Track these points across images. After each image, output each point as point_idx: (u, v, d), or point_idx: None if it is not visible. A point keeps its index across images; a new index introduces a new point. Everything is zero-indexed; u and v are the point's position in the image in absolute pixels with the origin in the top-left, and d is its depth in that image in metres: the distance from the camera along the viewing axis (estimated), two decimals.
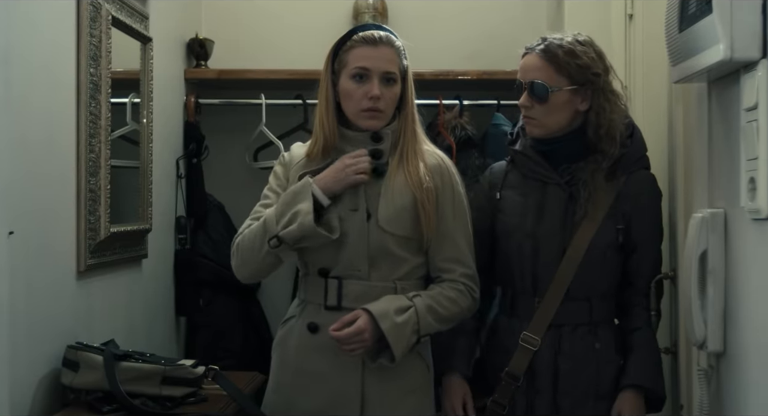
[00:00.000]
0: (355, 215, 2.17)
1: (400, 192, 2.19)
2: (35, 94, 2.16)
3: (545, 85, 2.21)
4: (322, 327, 2.17)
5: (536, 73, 2.22)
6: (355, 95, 2.18)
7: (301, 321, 2.23)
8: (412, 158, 2.22)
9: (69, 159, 2.36)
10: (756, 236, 1.65)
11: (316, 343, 2.19)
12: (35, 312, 2.14)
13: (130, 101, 2.84)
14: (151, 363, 2.27)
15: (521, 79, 2.27)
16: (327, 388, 2.18)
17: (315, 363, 2.19)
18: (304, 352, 2.21)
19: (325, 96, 2.23)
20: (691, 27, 1.79)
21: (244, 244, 2.20)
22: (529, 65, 2.25)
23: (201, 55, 3.51)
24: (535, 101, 2.23)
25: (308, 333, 2.21)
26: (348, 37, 2.21)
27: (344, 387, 2.18)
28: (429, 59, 3.46)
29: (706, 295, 1.85)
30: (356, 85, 2.17)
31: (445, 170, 2.26)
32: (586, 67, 2.21)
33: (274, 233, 2.13)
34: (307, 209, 2.10)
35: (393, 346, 2.10)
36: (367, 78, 2.17)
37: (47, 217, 2.22)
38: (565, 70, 2.21)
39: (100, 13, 2.48)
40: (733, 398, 1.80)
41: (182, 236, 3.34)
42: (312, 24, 3.65)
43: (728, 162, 1.79)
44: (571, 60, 2.20)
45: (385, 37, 2.19)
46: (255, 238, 2.17)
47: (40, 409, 2.17)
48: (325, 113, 2.22)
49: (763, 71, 1.59)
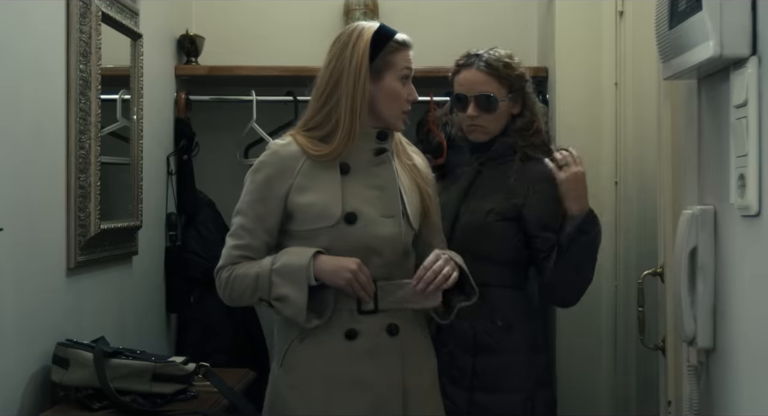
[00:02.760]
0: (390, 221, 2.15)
1: (412, 190, 2.22)
2: (24, 90, 2.16)
3: (495, 97, 2.48)
4: (360, 332, 2.12)
5: (483, 87, 2.49)
6: (401, 97, 2.19)
7: (331, 331, 2.12)
8: (408, 155, 2.27)
9: (59, 155, 2.35)
10: (746, 232, 1.66)
11: (355, 350, 2.13)
12: (25, 309, 2.13)
13: (120, 98, 2.83)
14: (141, 360, 2.27)
15: (465, 92, 2.51)
16: (371, 395, 2.12)
17: (355, 370, 2.12)
18: (340, 361, 2.12)
19: (361, 94, 2.12)
20: (681, 24, 1.80)
21: (234, 289, 2.13)
22: (472, 79, 2.50)
23: (191, 51, 3.50)
24: (482, 112, 2.49)
25: (345, 340, 2.12)
26: (387, 39, 2.16)
27: (388, 391, 2.14)
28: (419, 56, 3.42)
29: (696, 291, 1.85)
30: (403, 87, 2.19)
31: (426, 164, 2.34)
32: (521, 77, 2.53)
33: (265, 299, 2.10)
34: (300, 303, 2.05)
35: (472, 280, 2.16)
36: (408, 80, 2.21)
37: (37, 213, 2.22)
38: (506, 81, 2.50)
39: (90, 9, 2.47)
40: (722, 394, 1.81)
41: (173, 233, 3.34)
42: (303, 20, 3.65)
43: (718, 159, 1.80)
44: (510, 72, 2.50)
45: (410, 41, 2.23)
46: (246, 289, 2.11)
47: (30, 406, 2.16)
48: (359, 109, 2.12)
49: (753, 68, 1.59)
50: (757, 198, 1.58)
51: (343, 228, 2.11)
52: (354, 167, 2.16)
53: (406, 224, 2.18)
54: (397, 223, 2.16)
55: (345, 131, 2.12)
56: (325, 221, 2.12)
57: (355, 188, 2.15)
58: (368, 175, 2.17)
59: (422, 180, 2.26)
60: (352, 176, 2.16)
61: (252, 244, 2.14)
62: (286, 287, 2.05)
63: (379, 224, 2.14)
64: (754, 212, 1.59)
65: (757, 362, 1.61)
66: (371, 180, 2.17)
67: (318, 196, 2.13)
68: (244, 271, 2.12)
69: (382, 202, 2.16)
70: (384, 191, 2.17)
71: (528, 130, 2.52)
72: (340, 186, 2.13)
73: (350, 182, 2.15)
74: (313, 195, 2.13)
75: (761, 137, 1.57)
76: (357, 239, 2.12)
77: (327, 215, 2.11)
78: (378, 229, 2.14)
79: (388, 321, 2.15)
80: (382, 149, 2.19)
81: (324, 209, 2.12)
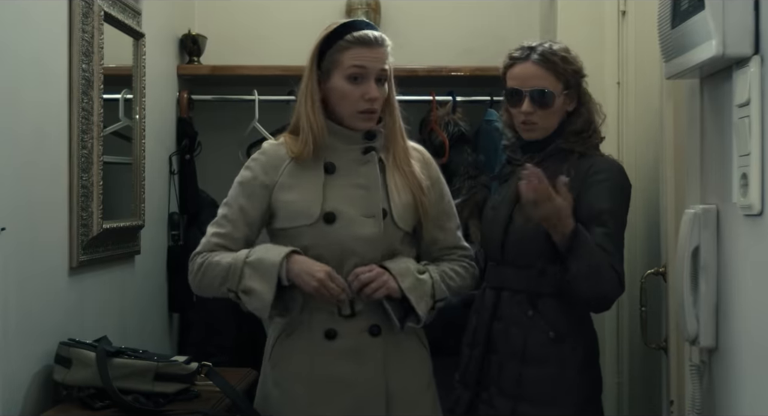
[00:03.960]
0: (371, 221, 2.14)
1: (402, 190, 2.19)
2: (27, 89, 2.16)
3: (551, 92, 2.29)
4: (341, 332, 2.13)
5: (538, 81, 2.30)
6: (352, 96, 2.14)
7: (312, 330, 2.15)
8: (404, 157, 2.21)
9: (61, 155, 2.35)
10: (748, 232, 1.65)
11: (335, 350, 2.14)
12: (27, 309, 2.13)
13: (123, 97, 2.83)
14: (143, 360, 2.27)
15: (519, 87, 2.32)
16: (352, 394, 2.13)
17: (336, 370, 2.13)
18: (320, 360, 2.14)
19: (310, 95, 2.16)
20: (683, 23, 1.80)
21: (205, 275, 2.14)
22: (528, 74, 2.31)
23: (194, 51, 3.51)
24: (537, 108, 2.30)
25: (325, 340, 2.14)
26: (339, 36, 2.15)
27: (369, 391, 2.14)
28: (422, 55, 3.47)
29: (699, 291, 1.85)
30: (352, 86, 2.14)
31: (430, 163, 2.30)
32: (577, 72, 2.34)
33: (233, 289, 2.10)
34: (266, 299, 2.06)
35: (416, 304, 2.11)
36: (363, 79, 2.13)
37: (39, 213, 2.22)
38: (563, 76, 2.31)
39: (92, 8, 2.48)
40: (724, 393, 1.80)
41: (175, 233, 3.34)
42: (305, 20, 3.63)
43: (720, 158, 1.79)
44: (567, 66, 2.31)
45: (380, 37, 2.16)
46: (216, 277, 2.13)
47: (32, 406, 2.17)
48: (311, 112, 2.16)
49: (755, 67, 1.59)
50: (759, 197, 1.58)
51: (322, 227, 2.13)
52: (340, 167, 2.17)
53: (392, 224, 2.15)
54: (377, 223, 2.14)
55: (306, 131, 2.16)
56: (304, 219, 2.14)
57: (338, 188, 2.16)
58: (353, 174, 2.17)
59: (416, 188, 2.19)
60: (338, 176, 2.17)
61: (231, 234, 2.17)
62: (256, 281, 2.07)
63: (358, 224, 2.13)
64: (756, 211, 1.59)
65: (759, 361, 1.61)
66: (356, 179, 2.17)
67: (299, 195, 2.15)
68: (218, 259, 2.14)
69: (364, 202, 2.15)
70: (368, 191, 2.16)
71: (585, 131, 2.33)
72: (322, 186, 2.15)
73: (334, 182, 2.16)
74: (294, 194, 2.16)
75: (764, 136, 1.57)
76: (335, 239, 2.13)
77: (306, 214, 2.14)
78: (357, 229, 2.13)
79: (371, 321, 2.15)
80: (369, 148, 2.19)
81: (304, 208, 2.14)
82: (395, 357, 2.17)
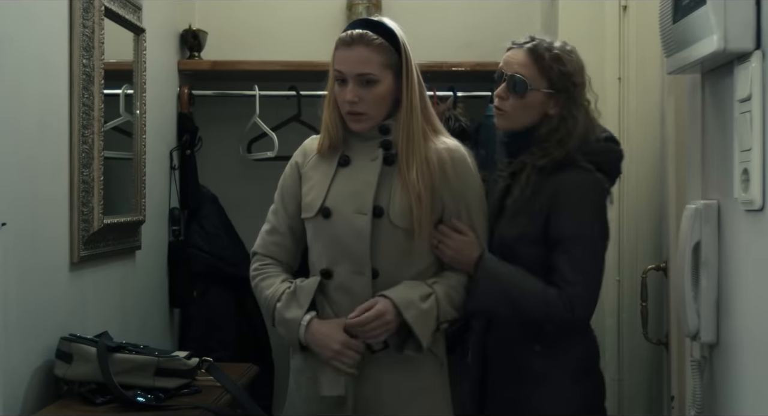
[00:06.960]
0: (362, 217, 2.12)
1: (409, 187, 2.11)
2: (28, 85, 2.15)
3: (526, 81, 2.22)
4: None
5: (519, 69, 2.24)
6: (339, 99, 2.15)
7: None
8: (410, 158, 2.13)
9: (62, 150, 2.35)
10: (749, 227, 1.65)
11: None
12: (28, 304, 2.13)
13: (123, 92, 2.83)
14: (144, 355, 2.27)
15: (503, 70, 2.28)
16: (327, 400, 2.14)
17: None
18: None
19: (329, 93, 2.19)
20: (684, 18, 1.80)
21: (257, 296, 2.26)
22: (513, 59, 2.26)
23: (194, 46, 3.50)
24: (511, 95, 2.24)
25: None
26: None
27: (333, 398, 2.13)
28: (423, 50, 3.41)
29: (700, 286, 1.85)
30: (339, 88, 2.14)
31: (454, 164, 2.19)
32: (567, 75, 2.23)
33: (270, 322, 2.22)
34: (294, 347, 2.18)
35: (420, 335, 2.08)
36: (344, 82, 2.13)
37: (40, 208, 2.22)
38: (546, 72, 2.22)
39: (93, 3, 2.47)
40: (725, 388, 1.81)
41: (176, 228, 3.34)
42: (306, 15, 3.64)
43: (721, 153, 1.79)
44: (555, 65, 2.22)
45: (358, 36, 2.10)
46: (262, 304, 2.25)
47: (33, 401, 2.17)
48: (327, 109, 2.19)
49: (757, 62, 1.59)
50: (760, 193, 1.58)
51: (321, 221, 2.16)
52: (355, 160, 2.18)
53: (388, 222, 2.11)
54: (367, 220, 2.12)
55: (324, 127, 2.21)
56: (309, 212, 2.19)
57: (344, 183, 2.16)
58: (362, 169, 2.17)
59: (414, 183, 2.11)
60: (350, 169, 2.18)
61: (277, 227, 2.26)
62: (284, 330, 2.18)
63: (350, 220, 2.13)
64: (757, 206, 1.59)
65: (760, 356, 1.61)
66: (362, 175, 2.16)
67: (312, 187, 2.20)
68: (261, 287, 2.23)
69: (359, 198, 2.14)
70: (366, 187, 2.14)
71: (547, 141, 2.22)
72: (330, 179, 2.18)
73: (343, 176, 2.17)
74: (308, 186, 2.21)
75: (765, 132, 1.57)
76: (331, 234, 2.15)
77: (311, 207, 2.18)
78: (347, 225, 2.13)
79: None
80: (384, 142, 2.18)
81: (310, 201, 2.19)
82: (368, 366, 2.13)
